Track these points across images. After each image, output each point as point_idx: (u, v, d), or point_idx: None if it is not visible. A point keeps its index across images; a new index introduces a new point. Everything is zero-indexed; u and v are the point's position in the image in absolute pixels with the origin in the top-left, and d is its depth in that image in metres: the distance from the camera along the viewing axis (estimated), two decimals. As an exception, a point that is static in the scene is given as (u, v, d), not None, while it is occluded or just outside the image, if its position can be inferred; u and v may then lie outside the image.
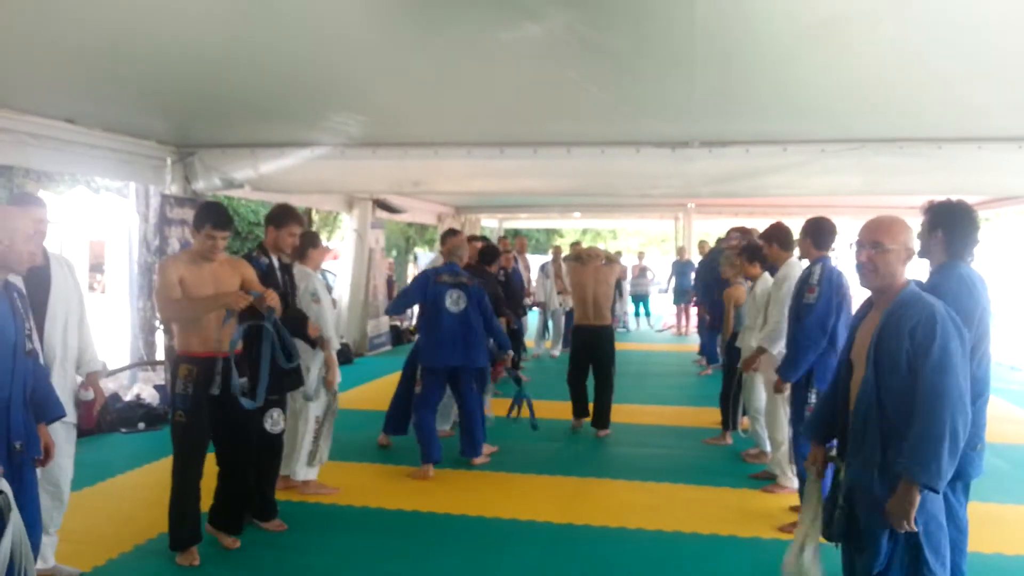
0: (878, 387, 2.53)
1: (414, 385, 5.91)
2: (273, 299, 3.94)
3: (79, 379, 3.85)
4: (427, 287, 5.71)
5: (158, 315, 3.74)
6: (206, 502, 4.08)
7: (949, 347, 2.40)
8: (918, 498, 2.39)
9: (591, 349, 6.83)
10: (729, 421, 6.33)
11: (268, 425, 4.38)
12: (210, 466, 4.05)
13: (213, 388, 3.82)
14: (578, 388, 6.97)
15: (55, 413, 3.15)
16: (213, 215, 3.91)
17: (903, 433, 2.44)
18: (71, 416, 3.67)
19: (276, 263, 4.56)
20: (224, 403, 3.88)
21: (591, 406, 6.92)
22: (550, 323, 12.10)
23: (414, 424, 5.78)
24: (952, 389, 2.36)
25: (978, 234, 3.20)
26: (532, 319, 12.16)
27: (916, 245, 2.61)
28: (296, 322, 4.53)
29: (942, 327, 2.42)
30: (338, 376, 5.08)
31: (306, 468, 4.99)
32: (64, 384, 3.62)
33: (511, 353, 6.19)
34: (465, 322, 5.62)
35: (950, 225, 3.14)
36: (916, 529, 2.43)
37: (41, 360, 3.24)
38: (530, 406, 6.15)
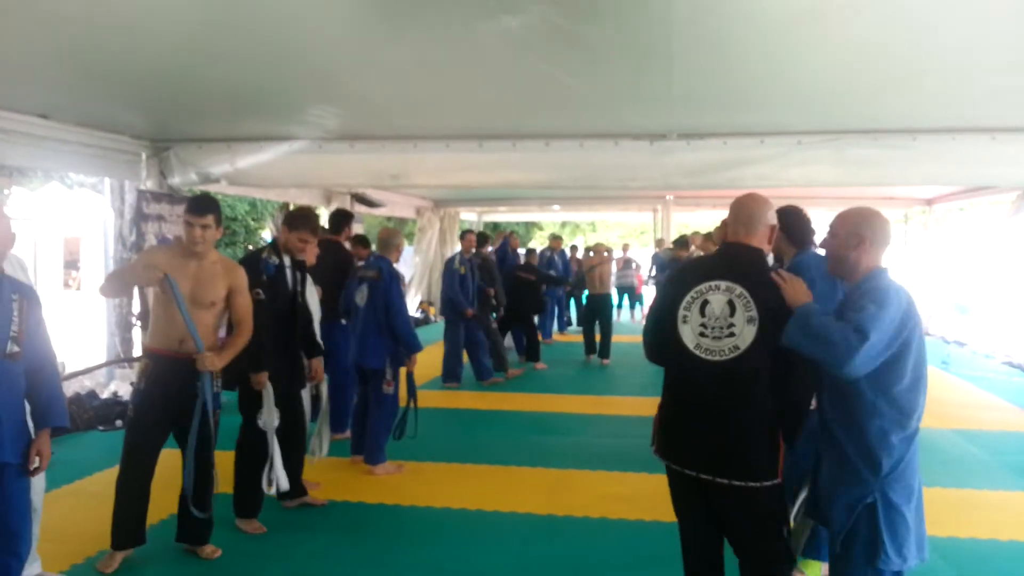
0: None
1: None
2: (210, 364, 3.73)
3: None
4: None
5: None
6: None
7: (882, 312, 2.41)
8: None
9: (598, 307, 10.66)
10: None
11: (261, 423, 4.32)
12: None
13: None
14: (590, 333, 10.58)
15: (55, 421, 3.05)
16: (190, 200, 3.91)
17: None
18: None
19: (288, 263, 4.54)
20: (182, 409, 3.78)
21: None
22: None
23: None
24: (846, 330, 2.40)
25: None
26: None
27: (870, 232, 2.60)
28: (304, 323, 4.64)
29: (885, 294, 2.46)
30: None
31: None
32: None
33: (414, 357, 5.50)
34: (365, 318, 5.47)
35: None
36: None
37: (57, 364, 3.17)
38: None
